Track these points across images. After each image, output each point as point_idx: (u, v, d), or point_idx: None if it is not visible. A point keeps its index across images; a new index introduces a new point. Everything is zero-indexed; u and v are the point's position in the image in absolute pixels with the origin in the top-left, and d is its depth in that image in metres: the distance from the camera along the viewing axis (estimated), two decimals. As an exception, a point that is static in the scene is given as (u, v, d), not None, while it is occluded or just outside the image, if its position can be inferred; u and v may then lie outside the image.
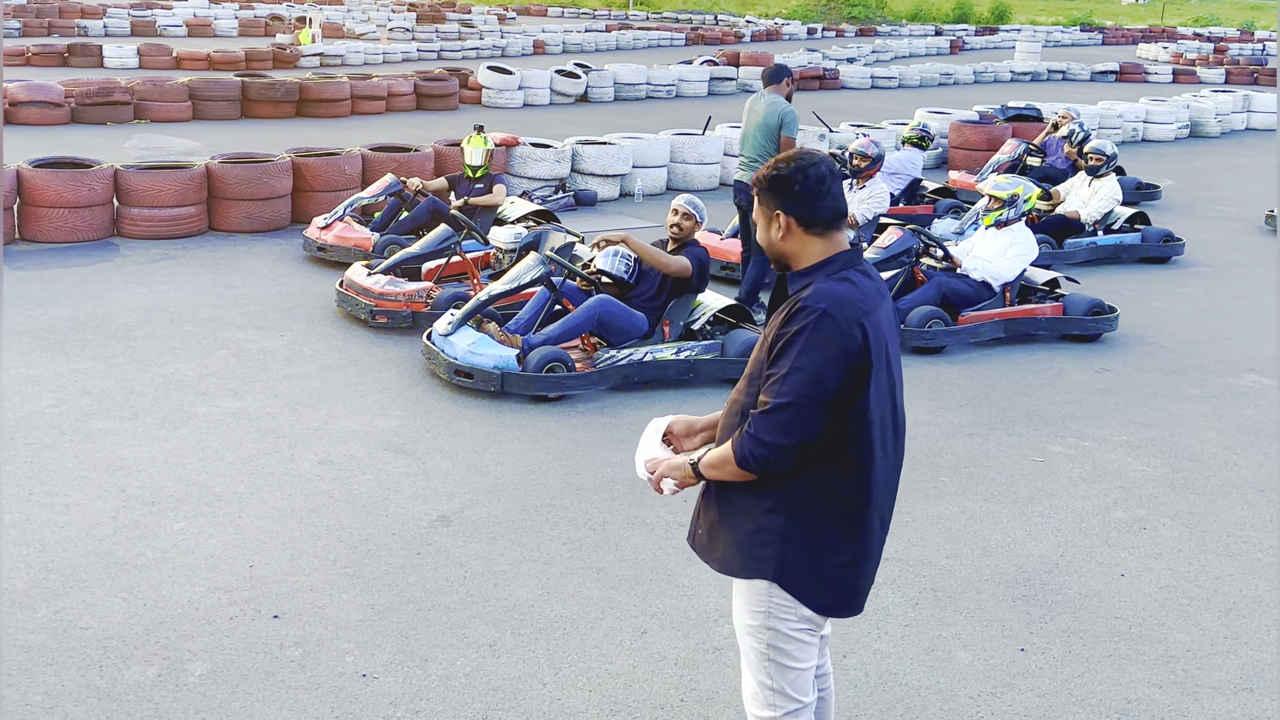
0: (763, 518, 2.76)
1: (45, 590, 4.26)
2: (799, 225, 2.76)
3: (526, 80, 20.41)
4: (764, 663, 2.85)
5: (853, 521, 2.76)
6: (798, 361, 2.61)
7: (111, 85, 15.82)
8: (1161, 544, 5.14)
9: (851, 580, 2.82)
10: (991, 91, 25.48)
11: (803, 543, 2.74)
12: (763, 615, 2.81)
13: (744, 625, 2.88)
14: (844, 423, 2.68)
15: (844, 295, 2.66)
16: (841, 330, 2.62)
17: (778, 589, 2.78)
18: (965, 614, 4.45)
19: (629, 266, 7.10)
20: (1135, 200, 12.83)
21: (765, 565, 2.77)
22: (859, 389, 2.66)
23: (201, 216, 9.81)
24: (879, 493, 2.78)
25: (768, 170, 2.79)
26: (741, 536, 2.80)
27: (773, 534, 2.75)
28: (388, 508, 5.07)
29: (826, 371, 2.61)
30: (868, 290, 2.73)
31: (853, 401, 2.66)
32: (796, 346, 2.62)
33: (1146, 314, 8.83)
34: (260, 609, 4.22)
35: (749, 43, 38.66)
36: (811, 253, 2.77)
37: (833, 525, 2.75)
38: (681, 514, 5.11)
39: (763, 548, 2.76)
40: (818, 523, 2.74)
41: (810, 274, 2.75)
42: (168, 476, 5.26)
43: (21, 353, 6.72)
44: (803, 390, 2.61)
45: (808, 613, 2.81)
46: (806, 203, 2.75)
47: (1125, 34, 49.40)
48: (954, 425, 6.42)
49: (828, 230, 2.77)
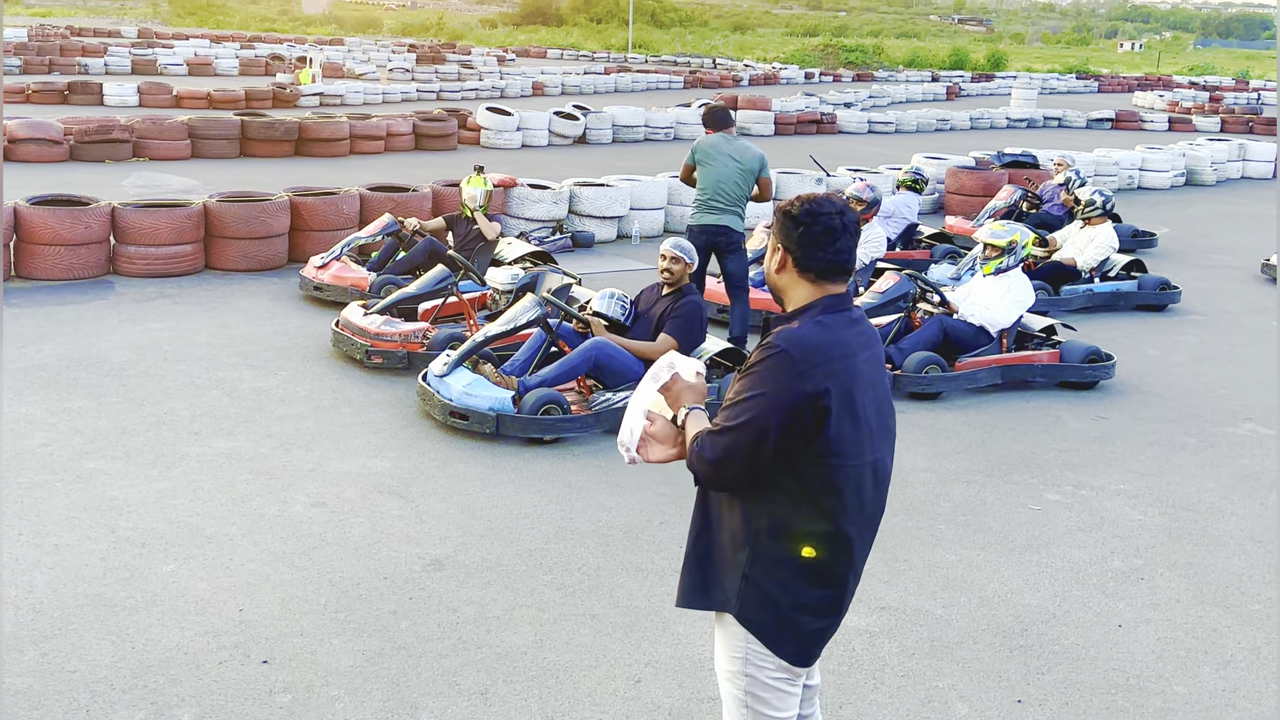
0: (728, 552, 2.77)
1: (34, 632, 4.21)
2: (794, 266, 2.77)
3: (525, 121, 20.54)
4: (742, 709, 2.81)
5: (818, 567, 2.72)
6: (750, 393, 2.64)
7: (111, 123, 15.89)
8: (1159, 594, 5.10)
9: (812, 626, 2.76)
10: (988, 138, 25.67)
11: (762, 583, 2.72)
12: (740, 661, 2.79)
13: (723, 670, 2.85)
14: (806, 467, 2.66)
15: (809, 338, 2.66)
16: (798, 371, 2.61)
17: (753, 635, 2.76)
18: (962, 664, 4.40)
19: (625, 309, 7.11)
20: (1131, 248, 12.88)
21: (728, 598, 2.76)
22: (815, 432, 2.63)
23: (198, 255, 9.82)
24: (847, 542, 2.73)
25: (787, 205, 2.82)
26: (708, 567, 2.81)
27: (736, 569, 2.75)
28: (380, 551, 5.03)
29: (773, 410, 2.61)
30: (842, 336, 2.70)
31: (811, 444, 2.64)
32: (751, 379, 2.66)
33: (1143, 362, 8.83)
34: (250, 654, 4.17)
35: (747, 86, 38.98)
36: (798, 295, 2.78)
37: (796, 568, 2.71)
38: (677, 560, 5.06)
39: (728, 581, 2.77)
40: (779, 566, 2.71)
41: (792, 318, 2.77)
42: (159, 518, 5.21)
43: (15, 390, 6.69)
44: (746, 420, 2.62)
45: (783, 661, 2.77)
46: (806, 248, 2.75)
47: (1121, 82, 49.82)
48: (951, 472, 6.39)
49: (821, 279, 2.76)
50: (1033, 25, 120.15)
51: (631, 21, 63.57)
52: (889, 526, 5.48)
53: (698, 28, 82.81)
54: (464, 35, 64.00)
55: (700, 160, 8.23)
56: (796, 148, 21.01)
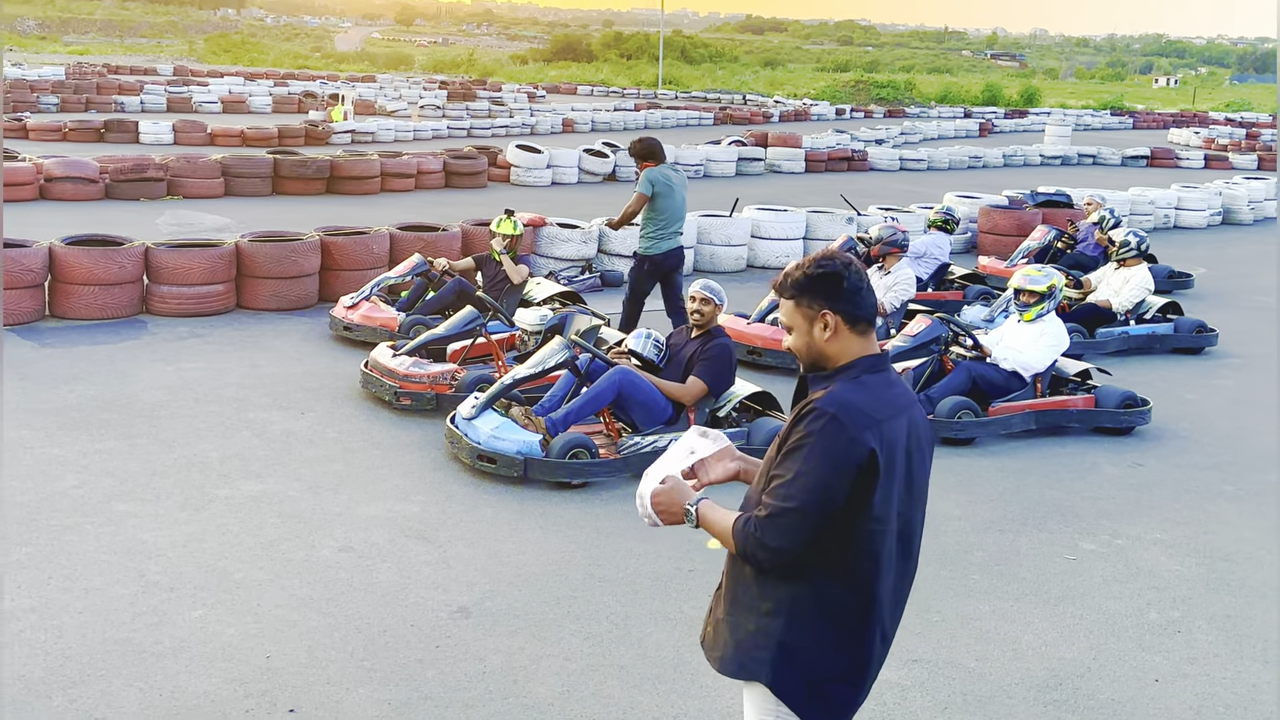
0: (762, 619, 2.72)
1: (61, 678, 4.20)
2: (846, 324, 2.72)
3: (555, 159, 20.65)
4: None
5: (852, 633, 2.70)
6: (804, 467, 2.58)
7: (146, 162, 16.09)
8: (1196, 648, 5.00)
9: (844, 695, 2.73)
10: (1021, 175, 25.57)
11: (797, 650, 2.68)
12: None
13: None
14: (849, 531, 2.63)
15: (853, 401, 2.63)
16: (850, 437, 2.58)
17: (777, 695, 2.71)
18: (995, 719, 4.32)
19: (660, 349, 7.09)
20: (1168, 289, 12.73)
21: (760, 668, 2.71)
22: (864, 497, 2.60)
23: (230, 294, 9.89)
24: (883, 607, 2.71)
25: (809, 270, 2.74)
26: (742, 636, 2.75)
27: (769, 637, 2.70)
28: (407, 597, 5.01)
29: (832, 479, 2.57)
30: (885, 397, 2.69)
31: (859, 510, 2.61)
32: (803, 451, 2.60)
33: (1180, 406, 8.71)
34: (276, 702, 4.15)
35: (777, 123, 39.07)
36: (852, 351, 2.73)
37: (831, 635, 2.68)
38: (706, 609, 5.02)
39: (759, 650, 2.72)
40: (816, 631, 2.68)
41: (831, 377, 2.73)
42: (187, 561, 5.22)
43: (47, 431, 6.74)
44: (807, 497, 2.57)
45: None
46: (854, 300, 2.73)
47: (1156, 118, 49.58)
48: (984, 520, 6.31)
49: (869, 328, 2.75)
50: (1067, 60, 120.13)
51: (661, 57, 63.93)
52: (921, 576, 5.39)
53: (728, 63, 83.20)
54: (495, 71, 64.59)
55: (660, 191, 8.74)
56: (827, 185, 21.01)
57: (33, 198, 15.16)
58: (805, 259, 2.79)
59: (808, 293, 2.74)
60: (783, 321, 2.83)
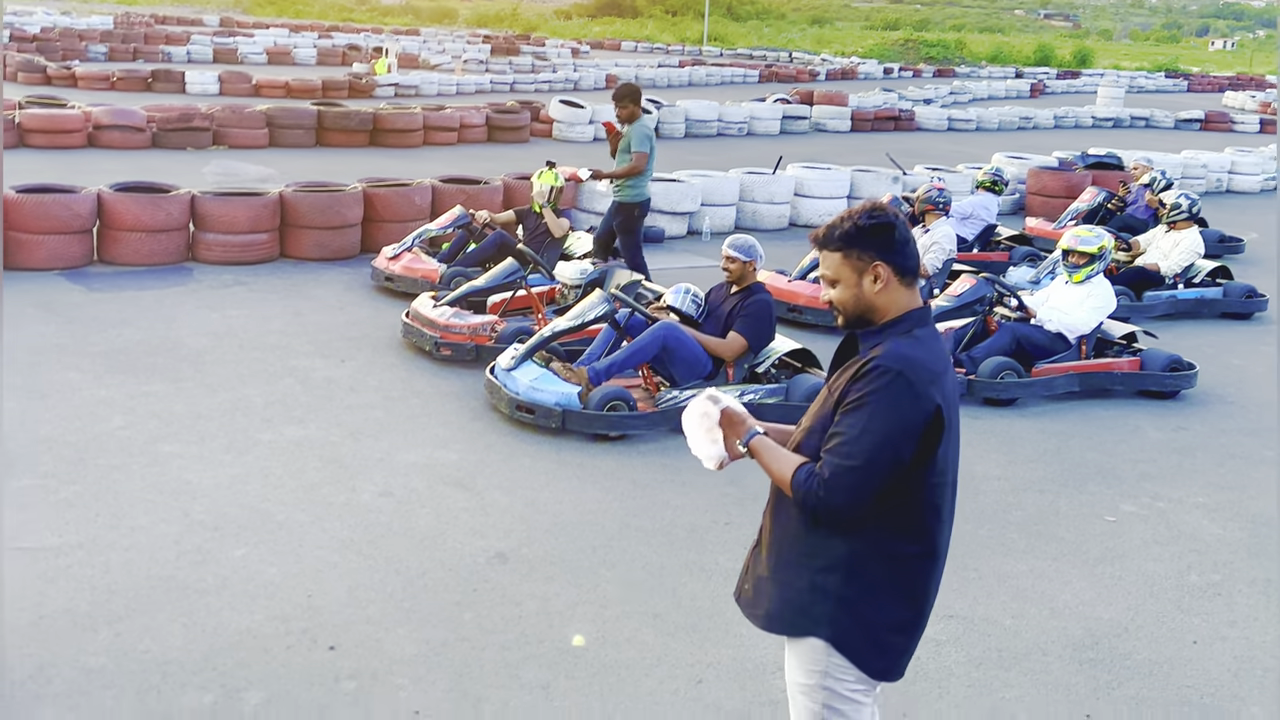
0: (817, 575, 2.69)
1: (107, 613, 4.29)
2: (896, 276, 2.68)
3: (598, 115, 20.53)
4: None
5: (911, 584, 2.71)
6: (869, 424, 2.55)
7: (192, 111, 16.20)
8: (1237, 611, 4.96)
9: (904, 644, 2.76)
10: (1072, 137, 25.19)
11: (857, 604, 2.68)
12: (819, 675, 2.74)
13: (798, 684, 2.80)
14: (911, 486, 2.62)
15: (915, 356, 2.60)
16: (915, 393, 2.56)
17: (834, 649, 2.70)
18: (1030, 676, 4.32)
19: (698, 305, 7.07)
20: (1218, 253, 12.51)
21: (817, 624, 2.70)
22: (929, 452, 2.60)
23: (274, 243, 9.96)
24: (941, 557, 2.73)
25: (859, 220, 2.67)
26: (792, 594, 2.73)
27: (826, 593, 2.68)
28: (445, 542, 5.06)
29: (900, 437, 2.55)
30: (938, 352, 2.67)
31: (921, 465, 2.60)
32: (869, 409, 2.56)
33: (1226, 371, 8.59)
34: (317, 639, 4.22)
35: (824, 81, 38.64)
36: (899, 304, 2.69)
37: (890, 587, 2.69)
38: (742, 560, 5.03)
39: (815, 606, 2.70)
40: (875, 584, 2.67)
41: (882, 332, 2.69)
42: (231, 502, 5.30)
43: (95, 374, 6.84)
44: (874, 454, 2.54)
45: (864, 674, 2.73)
46: (905, 251, 2.69)
47: (1211, 81, 48.60)
48: (1024, 481, 6.28)
49: (915, 280, 2.73)
50: (1121, 21, 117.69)
51: (707, 14, 63.33)
52: (959, 535, 5.37)
53: (774, 20, 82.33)
54: (539, 26, 64.32)
55: (654, 144, 9.09)
56: (873, 145, 20.80)
57: (81, 145, 15.32)
58: (849, 210, 2.72)
59: (858, 244, 2.67)
60: (826, 275, 2.74)
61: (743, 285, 6.90)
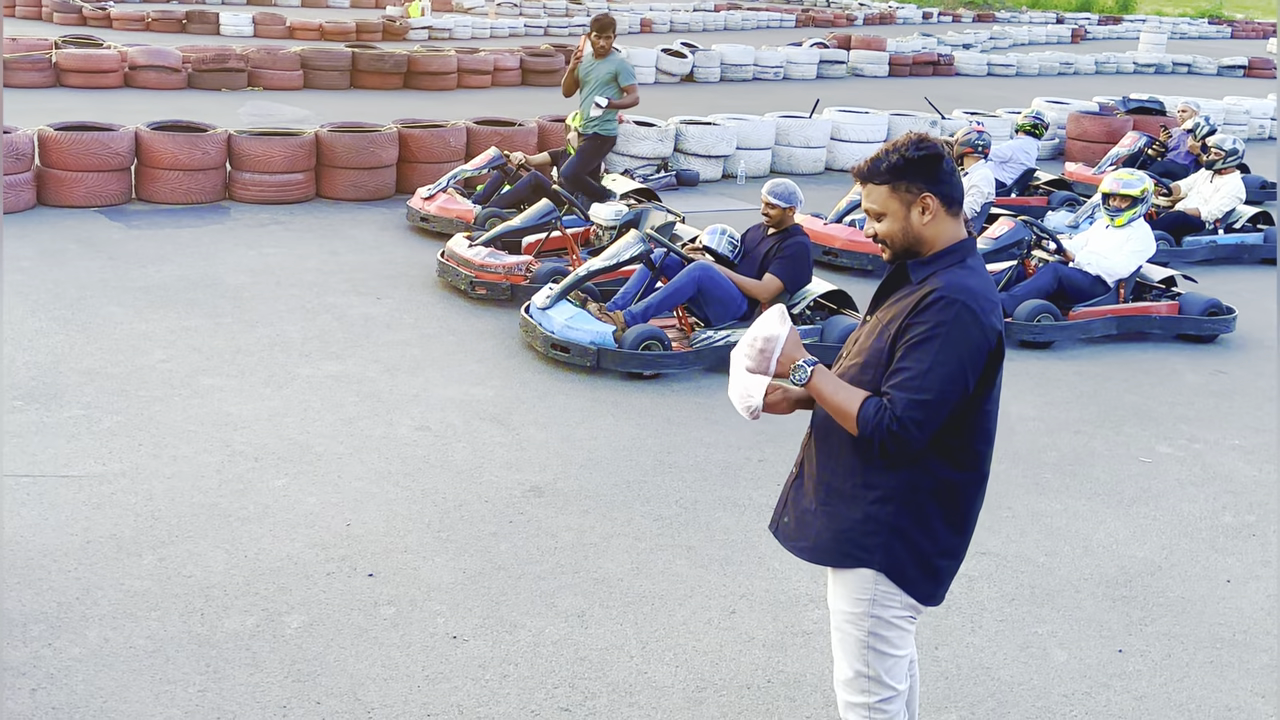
0: (870, 507, 2.71)
1: (151, 538, 4.38)
2: (943, 206, 2.67)
3: (632, 58, 20.34)
4: (863, 650, 2.80)
5: (963, 511, 2.75)
6: (939, 357, 2.54)
7: (227, 53, 16.19)
8: (1270, 551, 4.95)
9: (950, 568, 2.81)
10: (1113, 83, 24.76)
11: (910, 532, 2.70)
12: (867, 603, 2.77)
13: (844, 613, 2.82)
14: (969, 414, 2.64)
15: (975, 286, 2.60)
16: (982, 324, 2.57)
17: (884, 577, 2.74)
18: (1062, 612, 4.34)
19: (734, 246, 7.05)
20: (1259, 199, 12.31)
21: (870, 554, 2.72)
22: (990, 380, 2.63)
23: (310, 183, 9.99)
24: (986, 481, 2.77)
25: (906, 152, 2.63)
26: (845, 525, 2.74)
27: (880, 523, 2.70)
28: (482, 475, 5.12)
29: (969, 368, 2.57)
30: (990, 282, 2.70)
31: (983, 393, 2.63)
32: (936, 342, 2.55)
33: (1266, 316, 8.49)
34: (356, 566, 4.29)
35: (861, 26, 38.05)
36: (947, 235, 2.68)
37: (941, 514, 2.72)
38: (774, 497, 5.05)
39: (869, 537, 2.71)
40: (928, 512, 2.70)
41: (934, 261, 2.68)
42: (271, 434, 5.37)
43: (136, 309, 6.92)
44: (945, 386, 2.55)
45: (912, 600, 2.76)
46: (951, 181, 2.69)
47: (1256, 28, 47.48)
48: (1060, 422, 6.26)
49: (960, 211, 2.72)
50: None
51: (743, -41, 62.36)
52: (993, 473, 5.38)
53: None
54: (574, -29, 63.51)
55: None
56: (911, 90, 20.53)
57: (117, 85, 15.37)
58: (894, 142, 2.68)
59: (906, 176, 2.64)
60: (872, 209, 2.70)
61: (781, 228, 6.87)
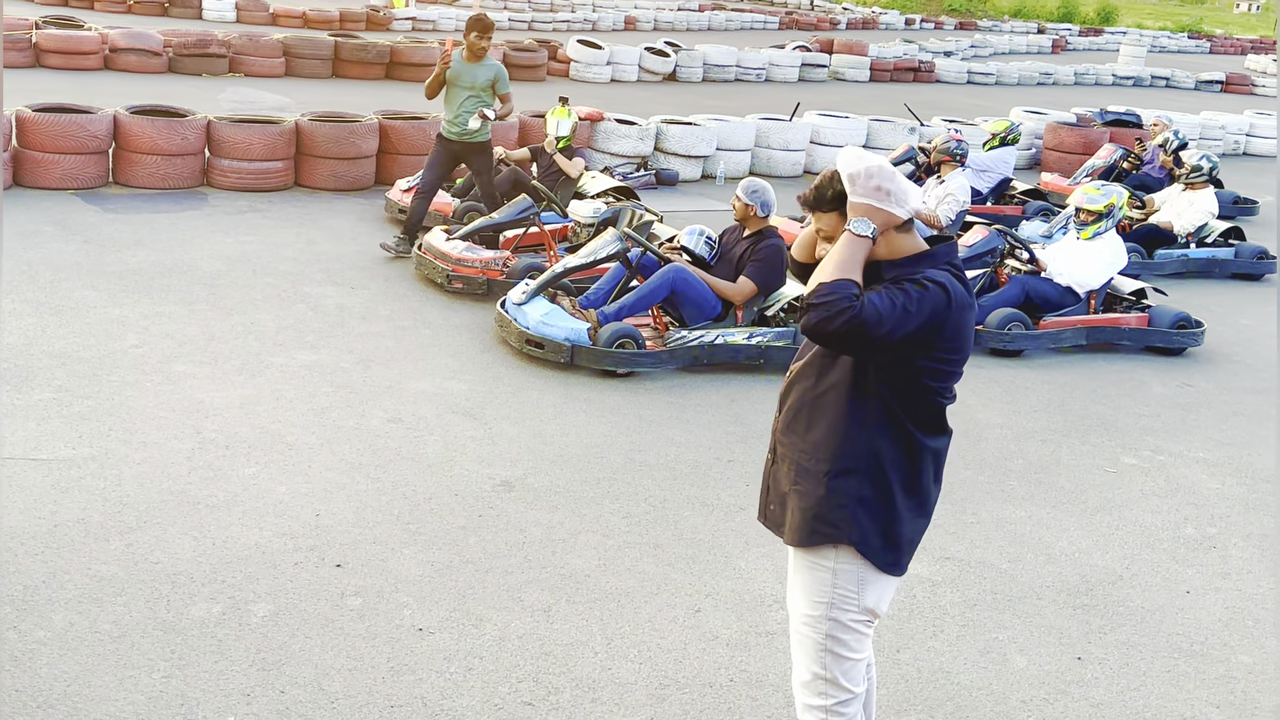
0: (835, 481, 2.79)
1: (119, 524, 4.37)
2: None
3: (615, 56, 20.39)
4: (820, 653, 2.85)
5: (927, 477, 2.84)
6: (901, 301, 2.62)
7: (209, 38, 16.10)
8: (1230, 564, 5.03)
9: (911, 538, 2.88)
10: (1091, 94, 24.95)
11: (873, 503, 2.78)
12: (824, 606, 2.83)
13: (803, 615, 2.89)
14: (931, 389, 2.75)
15: (955, 285, 2.71)
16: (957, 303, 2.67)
17: (841, 579, 2.80)
18: (1023, 618, 4.39)
19: (711, 246, 7.09)
20: (1232, 215, 12.47)
21: (838, 529, 2.80)
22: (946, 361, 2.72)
23: (288, 172, 9.96)
24: (943, 454, 2.87)
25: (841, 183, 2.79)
26: (811, 502, 2.82)
27: (846, 495, 2.78)
28: (452, 469, 5.13)
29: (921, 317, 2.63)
30: (968, 287, 2.78)
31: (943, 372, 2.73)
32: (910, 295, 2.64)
33: (1234, 331, 8.61)
34: (324, 557, 4.30)
35: (844, 30, 38.19)
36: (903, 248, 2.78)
37: (901, 485, 2.80)
38: (743, 498, 5.11)
39: (835, 511, 2.79)
40: (892, 482, 2.78)
41: (904, 266, 2.76)
42: (242, 422, 5.37)
43: (110, 293, 6.89)
44: (905, 303, 2.62)
45: (869, 603, 2.83)
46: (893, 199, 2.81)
47: (1234, 44, 47.96)
48: (1027, 430, 6.33)
49: (911, 223, 2.82)
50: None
51: (729, -41, 62.45)
52: (959, 479, 5.47)
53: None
54: (560, -34, 63.42)
55: None
56: (892, 95, 20.64)
57: (98, 67, 15.27)
58: (831, 172, 2.81)
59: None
60: (824, 230, 2.85)
61: (756, 229, 6.91)
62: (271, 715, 3.41)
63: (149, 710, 3.38)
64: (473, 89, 8.22)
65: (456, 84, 8.24)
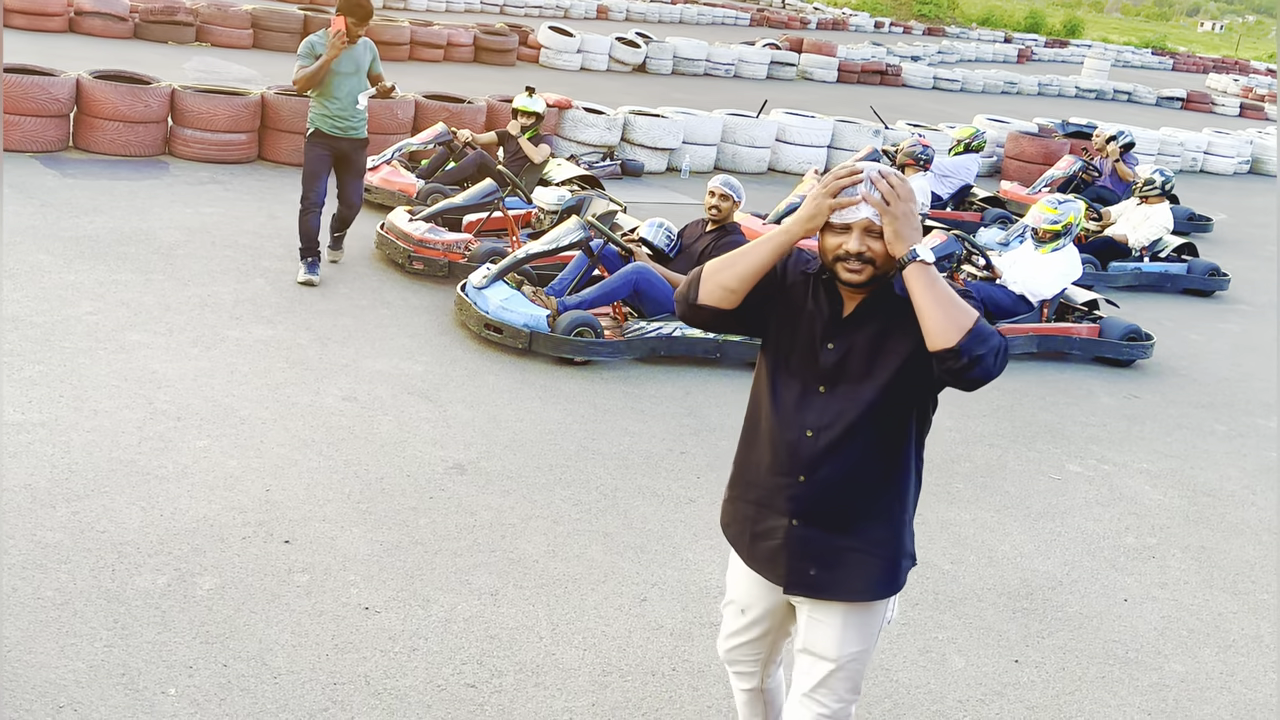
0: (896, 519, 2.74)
1: (66, 491, 4.34)
2: None
3: (586, 44, 20.38)
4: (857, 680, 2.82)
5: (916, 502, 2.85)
6: None
7: (176, 6, 15.92)
8: (1169, 574, 5.13)
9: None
10: (1054, 105, 25.24)
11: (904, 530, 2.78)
12: (873, 637, 2.80)
13: (851, 654, 2.76)
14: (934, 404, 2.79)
15: None
16: None
17: (886, 606, 2.81)
18: (964, 620, 4.47)
19: (670, 239, 7.12)
20: (1186, 230, 12.69)
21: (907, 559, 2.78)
22: None
23: (252, 145, 9.89)
24: None
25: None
26: (890, 551, 2.73)
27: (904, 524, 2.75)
28: (405, 450, 5.13)
29: None
30: None
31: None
32: None
33: (1183, 345, 8.77)
34: (273, 532, 4.29)
35: (814, 30, 38.37)
36: None
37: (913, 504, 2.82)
38: (694, 489, 5.15)
39: (907, 554, 2.77)
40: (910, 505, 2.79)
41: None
42: (195, 395, 5.33)
43: (65, 258, 6.81)
44: None
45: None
46: None
47: (1196, 62, 48.72)
48: (975, 434, 6.42)
49: None
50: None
51: (705, -47, 62.42)
52: (907, 479, 5.52)
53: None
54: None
55: None
56: (859, 97, 20.77)
57: (62, 30, 15.06)
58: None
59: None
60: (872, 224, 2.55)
61: (720, 224, 6.95)
62: (213, 688, 3.41)
63: (90, 678, 3.36)
64: (356, 74, 7.11)
65: (339, 71, 6.97)
